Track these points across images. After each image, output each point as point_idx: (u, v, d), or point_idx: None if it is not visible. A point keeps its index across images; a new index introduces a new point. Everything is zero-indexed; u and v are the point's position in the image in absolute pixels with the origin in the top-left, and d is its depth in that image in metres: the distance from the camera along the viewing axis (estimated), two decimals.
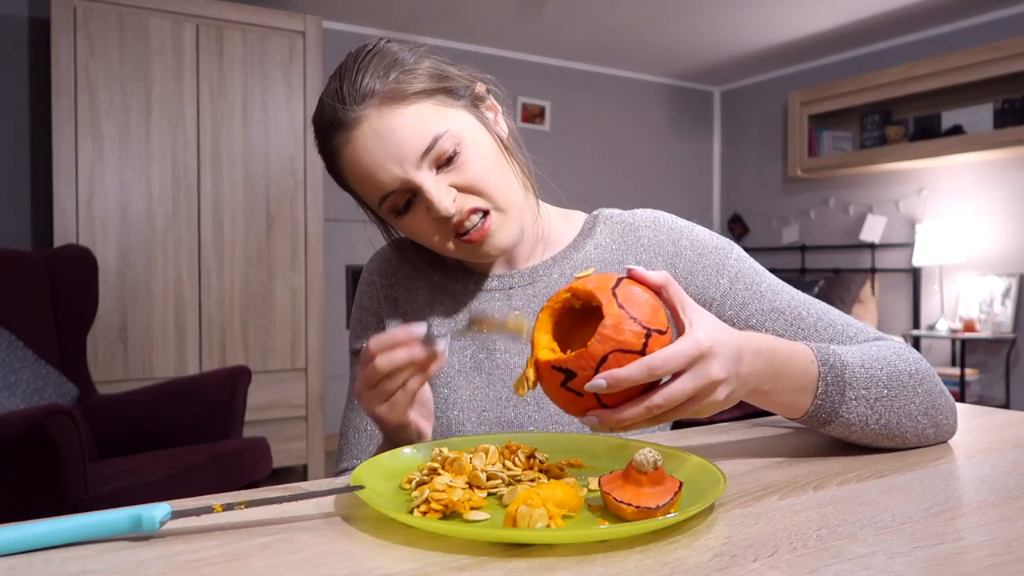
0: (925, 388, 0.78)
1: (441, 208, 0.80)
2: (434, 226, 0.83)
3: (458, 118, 0.83)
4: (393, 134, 0.80)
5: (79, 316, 2.73)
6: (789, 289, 0.88)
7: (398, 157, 0.80)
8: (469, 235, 0.83)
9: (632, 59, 5.22)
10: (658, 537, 0.52)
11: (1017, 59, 3.96)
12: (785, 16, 4.36)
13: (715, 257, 0.89)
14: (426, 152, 0.80)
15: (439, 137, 0.80)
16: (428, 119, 0.81)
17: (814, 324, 0.85)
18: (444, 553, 0.49)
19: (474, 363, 0.91)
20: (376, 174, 0.81)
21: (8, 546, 0.50)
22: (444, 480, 0.58)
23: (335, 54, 4.55)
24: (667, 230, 0.92)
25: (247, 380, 2.67)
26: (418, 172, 0.80)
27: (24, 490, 1.91)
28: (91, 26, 3.22)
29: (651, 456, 0.56)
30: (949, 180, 4.56)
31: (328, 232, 4.12)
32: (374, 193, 0.83)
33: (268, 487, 0.70)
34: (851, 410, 0.73)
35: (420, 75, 0.82)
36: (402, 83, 0.81)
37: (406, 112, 0.80)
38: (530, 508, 0.52)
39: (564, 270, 0.92)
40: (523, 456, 0.65)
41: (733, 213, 5.88)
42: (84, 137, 3.21)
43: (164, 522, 0.54)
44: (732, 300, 0.87)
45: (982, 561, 0.48)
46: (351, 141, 0.81)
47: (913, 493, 0.63)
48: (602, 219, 0.95)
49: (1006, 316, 4.18)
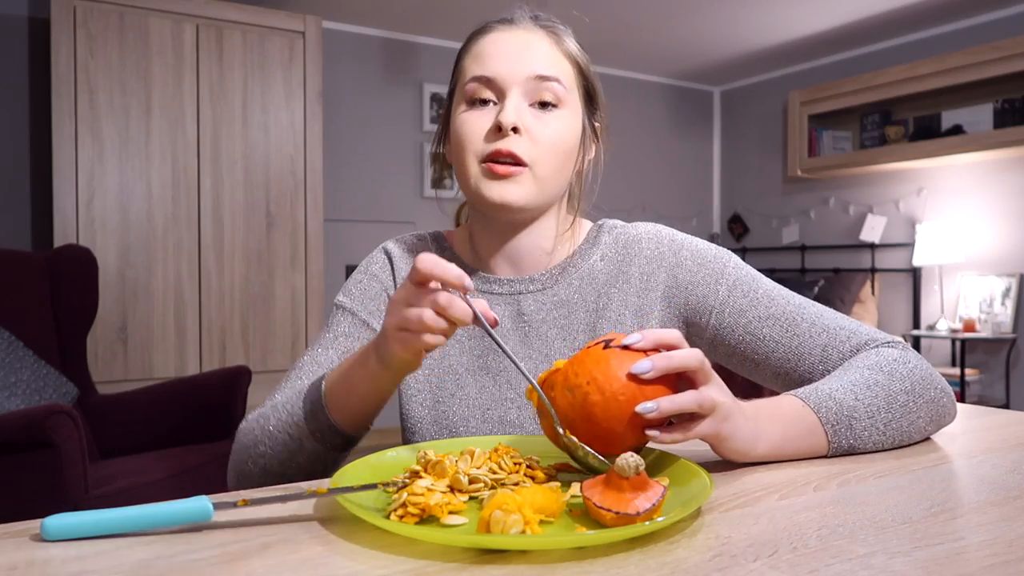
0: (926, 399, 0.80)
1: (507, 113, 0.84)
2: (484, 132, 0.87)
3: (576, 104, 0.91)
4: (535, 49, 0.88)
5: (79, 316, 2.73)
6: (786, 294, 0.90)
7: (521, 63, 0.87)
8: (496, 164, 0.85)
9: (632, 59, 5.22)
10: (658, 538, 0.52)
11: (1017, 59, 3.95)
12: (785, 16, 4.36)
13: (714, 266, 0.92)
14: (540, 78, 0.87)
15: (557, 82, 0.87)
16: (563, 71, 0.89)
17: (808, 330, 0.87)
18: (435, 560, 0.49)
19: (482, 363, 0.92)
20: (495, 58, 0.87)
21: (78, 530, 0.53)
22: (424, 483, 0.57)
23: (335, 54, 4.55)
24: (668, 242, 0.95)
25: (247, 380, 2.67)
26: (520, 84, 0.87)
27: (24, 490, 1.91)
28: (91, 26, 3.22)
29: (633, 461, 0.54)
30: (949, 180, 4.55)
31: (328, 232, 4.12)
32: (475, 69, 0.88)
33: (268, 487, 0.70)
34: (866, 440, 0.76)
35: (583, 57, 0.93)
36: (571, 45, 0.92)
37: (557, 54, 0.90)
38: (505, 513, 0.51)
39: (571, 280, 0.94)
40: (510, 460, 0.63)
41: (733, 213, 5.88)
42: (84, 137, 3.21)
43: None
44: (730, 308, 0.90)
45: (982, 561, 0.48)
46: (504, 31, 0.90)
47: (913, 493, 0.63)
48: (606, 229, 0.98)
49: (1006, 316, 4.18)
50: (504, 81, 0.86)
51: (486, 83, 0.87)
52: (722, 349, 0.91)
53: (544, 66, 0.87)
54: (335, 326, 0.94)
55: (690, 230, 5.84)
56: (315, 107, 3.69)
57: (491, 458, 0.64)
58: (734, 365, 0.92)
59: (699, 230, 5.91)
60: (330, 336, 0.93)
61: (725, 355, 0.91)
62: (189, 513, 0.54)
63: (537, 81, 0.87)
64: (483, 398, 0.91)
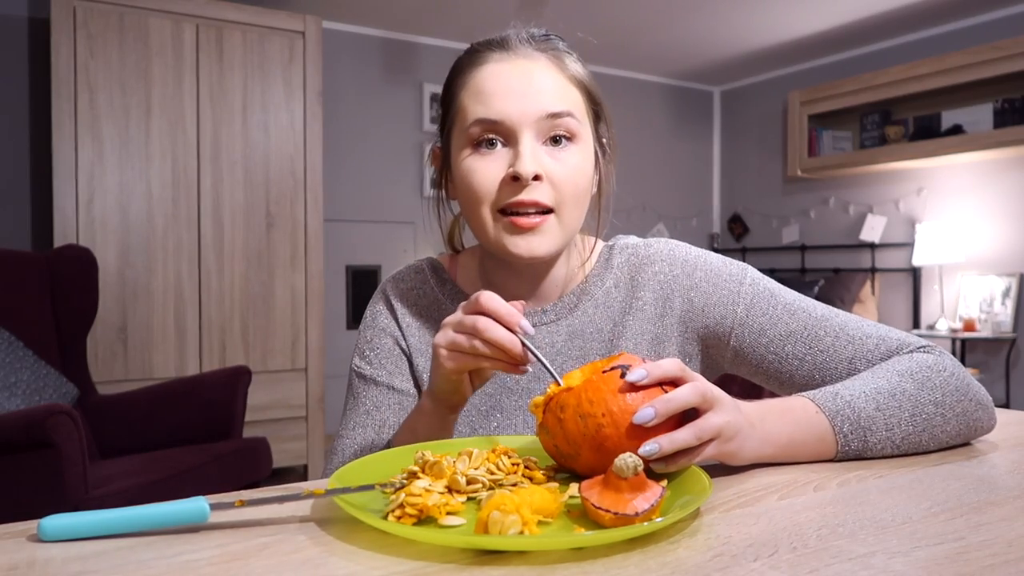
0: (957, 411, 0.76)
1: (525, 163, 0.78)
2: (497, 182, 0.81)
3: (588, 132, 0.86)
4: (541, 83, 0.81)
5: (79, 316, 2.73)
6: (808, 307, 0.86)
7: (529, 101, 0.80)
8: (519, 217, 0.80)
9: (632, 59, 5.22)
10: (658, 538, 0.52)
11: (1017, 59, 3.95)
12: (785, 16, 4.36)
13: (729, 287, 0.88)
14: (552, 116, 0.80)
15: (570, 116, 0.82)
16: (573, 101, 0.83)
17: (832, 343, 0.83)
18: (434, 561, 0.49)
19: (493, 402, 0.90)
20: (500, 97, 0.80)
21: (74, 531, 0.53)
22: (422, 484, 0.57)
23: (335, 54, 4.55)
24: (681, 263, 0.90)
25: (247, 380, 2.67)
26: (531, 126, 0.80)
27: (24, 490, 1.91)
28: (91, 26, 3.22)
29: (631, 461, 0.54)
30: (949, 180, 4.56)
31: (328, 232, 4.12)
32: (480, 110, 0.81)
33: (268, 487, 0.70)
34: (876, 452, 0.74)
35: (587, 76, 0.87)
36: (573, 66, 0.85)
37: (563, 82, 0.83)
38: (503, 514, 0.51)
39: (586, 308, 0.91)
40: (508, 461, 0.64)
41: (733, 213, 5.88)
42: (84, 137, 3.21)
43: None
44: (749, 328, 0.86)
45: (982, 561, 0.48)
46: (503, 61, 0.82)
47: (913, 493, 0.63)
48: (618, 250, 0.94)
49: (1006, 316, 4.18)
50: (513, 123, 0.80)
51: (492, 126, 0.80)
52: (745, 368, 0.88)
53: (554, 102, 0.81)
54: (364, 398, 0.92)
55: (690, 230, 5.84)
56: (315, 107, 3.69)
57: (489, 459, 0.64)
58: (760, 382, 0.88)
59: (699, 230, 5.92)
60: (362, 412, 0.91)
61: (749, 374, 0.88)
62: (186, 514, 0.54)
63: (549, 119, 0.80)
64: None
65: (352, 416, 0.92)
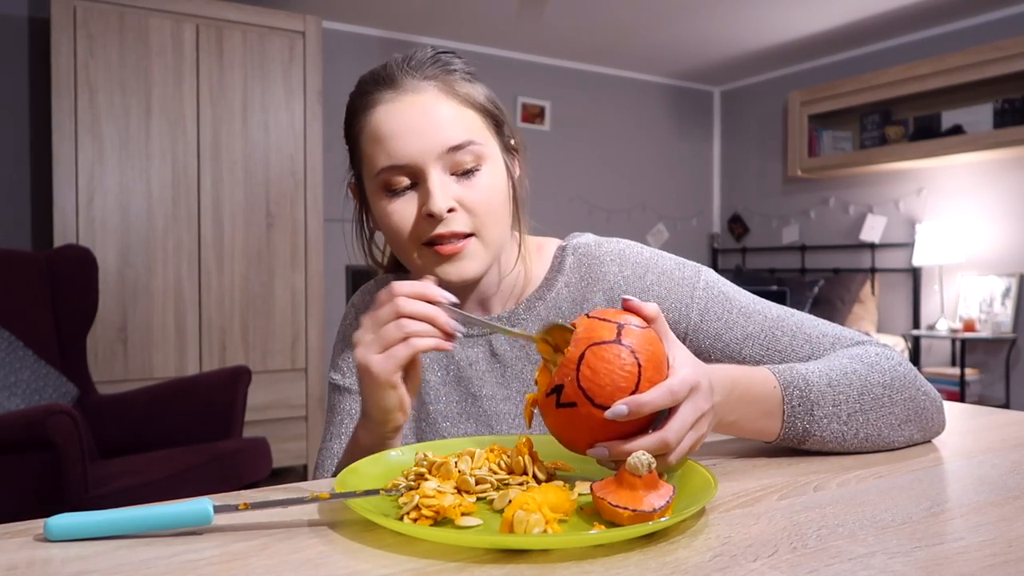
0: (905, 396, 0.78)
1: (436, 201, 0.78)
2: (414, 222, 0.81)
3: (493, 147, 0.85)
4: (436, 116, 0.80)
5: (79, 316, 2.73)
6: (763, 308, 0.86)
7: (428, 138, 0.80)
8: (442, 246, 0.81)
9: (632, 59, 5.22)
10: (658, 538, 0.53)
11: (1017, 59, 3.96)
12: (785, 16, 4.36)
13: (683, 291, 0.87)
14: (454, 149, 0.80)
15: (472, 144, 0.81)
16: (471, 126, 0.82)
17: (789, 343, 0.84)
18: (436, 560, 0.49)
19: (461, 409, 0.91)
20: (400, 140, 0.80)
21: (82, 531, 0.53)
22: (432, 485, 0.58)
23: (335, 54, 4.54)
24: (632, 265, 0.89)
25: (247, 380, 2.67)
26: (435, 162, 0.80)
27: (24, 490, 1.91)
28: (91, 26, 3.22)
29: (645, 459, 0.55)
30: (949, 180, 4.56)
31: (328, 232, 4.11)
32: (382, 159, 0.81)
33: (268, 487, 0.70)
34: (823, 428, 0.74)
35: (480, 91, 0.85)
36: (464, 87, 0.84)
37: (457, 108, 0.82)
38: (527, 513, 0.52)
39: (539, 312, 0.90)
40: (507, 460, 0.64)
41: (733, 213, 5.88)
42: (84, 137, 3.21)
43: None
44: (704, 333, 0.86)
45: (982, 561, 0.48)
46: (394, 101, 0.81)
47: (913, 493, 0.63)
48: (570, 251, 0.93)
49: (1006, 316, 4.18)
50: (417, 164, 0.80)
51: (398, 171, 0.80)
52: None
53: (453, 133, 0.80)
54: (338, 408, 0.94)
55: (690, 230, 5.84)
56: (315, 107, 3.69)
57: (489, 458, 0.64)
58: None
59: (699, 230, 5.92)
60: (337, 420, 0.93)
61: None
62: (191, 516, 0.54)
63: (453, 151, 0.80)
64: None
65: (330, 427, 0.94)
